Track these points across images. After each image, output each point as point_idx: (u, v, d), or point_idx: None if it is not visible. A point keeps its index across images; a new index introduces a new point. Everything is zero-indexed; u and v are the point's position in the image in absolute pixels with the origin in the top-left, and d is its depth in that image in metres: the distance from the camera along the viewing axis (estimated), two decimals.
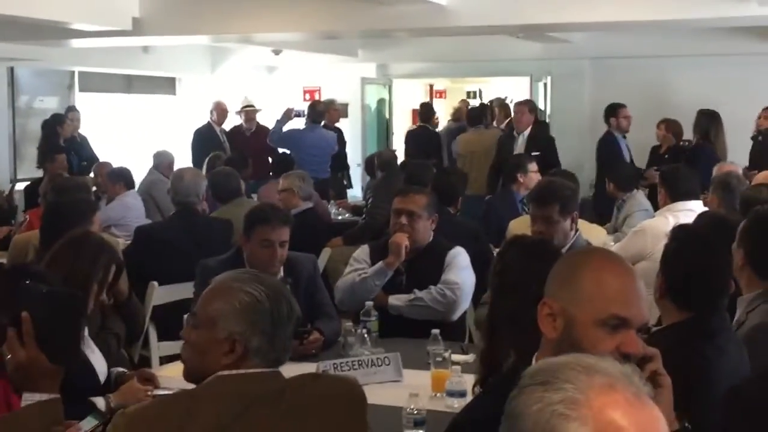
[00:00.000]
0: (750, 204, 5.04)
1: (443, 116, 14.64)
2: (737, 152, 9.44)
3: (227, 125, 11.64)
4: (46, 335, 2.40)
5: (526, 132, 9.51)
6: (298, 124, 10.96)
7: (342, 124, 12.54)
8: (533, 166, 7.30)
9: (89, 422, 3.05)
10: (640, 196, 7.30)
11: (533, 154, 8.30)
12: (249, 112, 11.49)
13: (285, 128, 10.57)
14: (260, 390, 2.26)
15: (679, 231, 3.37)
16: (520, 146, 9.35)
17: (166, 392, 3.45)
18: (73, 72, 12.02)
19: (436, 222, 4.89)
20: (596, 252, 2.22)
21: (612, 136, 9.67)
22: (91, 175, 9.44)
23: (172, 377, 3.77)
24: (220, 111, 11.46)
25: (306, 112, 10.82)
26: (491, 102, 13.03)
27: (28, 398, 2.39)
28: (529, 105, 10.04)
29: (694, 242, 3.23)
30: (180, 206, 6.03)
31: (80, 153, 10.39)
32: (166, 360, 5.05)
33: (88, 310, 3.49)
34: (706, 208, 5.70)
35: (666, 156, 9.80)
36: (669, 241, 3.28)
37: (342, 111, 12.86)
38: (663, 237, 3.51)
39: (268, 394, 2.25)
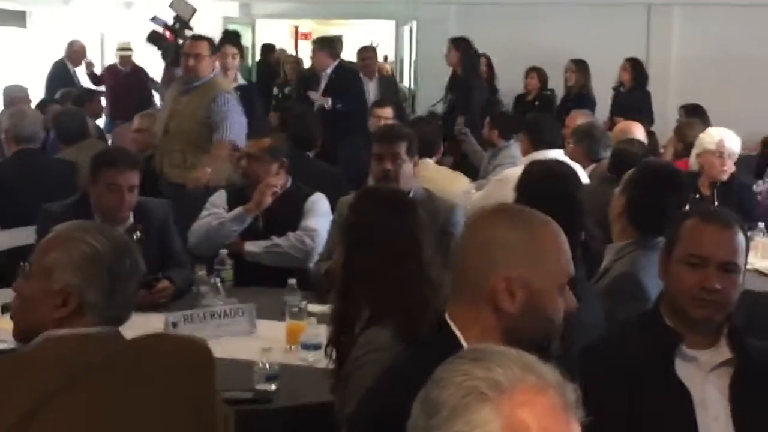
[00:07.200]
0: (622, 156, 5.08)
1: None
2: (599, 102, 9.58)
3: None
4: None
5: None
6: None
7: None
8: (379, 111, 7.04)
9: None
10: (515, 148, 7.08)
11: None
12: (124, 56, 11.18)
13: None
14: (96, 353, 2.10)
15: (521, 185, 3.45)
16: None
17: None
18: None
19: (286, 167, 4.77)
20: (527, 214, 2.05)
21: None
22: None
23: (8, 329, 3.53)
24: (74, 52, 11.06)
25: None
26: None
27: None
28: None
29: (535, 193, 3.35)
30: (22, 145, 5.68)
31: None
32: (6, 309, 4.78)
33: None
34: (567, 158, 5.69)
35: (536, 103, 9.85)
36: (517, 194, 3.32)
37: None
38: None
39: (105, 358, 2.10)
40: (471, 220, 2.12)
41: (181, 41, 6.62)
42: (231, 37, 8.12)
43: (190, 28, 6.83)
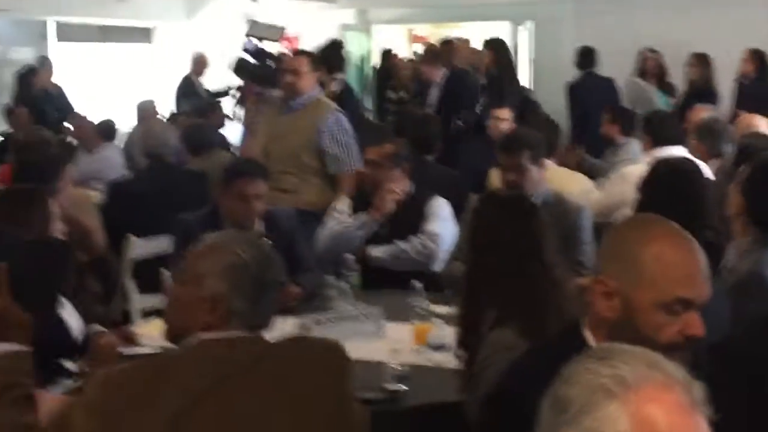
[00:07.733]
0: (747, 150, 4.95)
1: None
2: (722, 95, 9.39)
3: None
4: (22, 285, 2.33)
5: None
6: None
7: None
8: (497, 113, 7.05)
9: (61, 386, 2.98)
10: (635, 145, 6.89)
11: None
12: None
13: None
14: (241, 355, 2.20)
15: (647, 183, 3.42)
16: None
17: (139, 351, 3.39)
18: (45, 21, 11.83)
19: (408, 172, 4.83)
20: (653, 225, 2.02)
21: None
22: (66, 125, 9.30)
23: (150, 334, 3.70)
24: (197, 63, 11.36)
25: None
26: None
27: None
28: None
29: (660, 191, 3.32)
30: (151, 158, 5.91)
31: (54, 104, 10.21)
32: (147, 315, 4.96)
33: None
34: (689, 155, 5.61)
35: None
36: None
37: None
38: None
39: (250, 360, 2.19)
40: (613, 226, 2.15)
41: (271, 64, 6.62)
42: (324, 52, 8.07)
43: (270, 56, 6.83)
